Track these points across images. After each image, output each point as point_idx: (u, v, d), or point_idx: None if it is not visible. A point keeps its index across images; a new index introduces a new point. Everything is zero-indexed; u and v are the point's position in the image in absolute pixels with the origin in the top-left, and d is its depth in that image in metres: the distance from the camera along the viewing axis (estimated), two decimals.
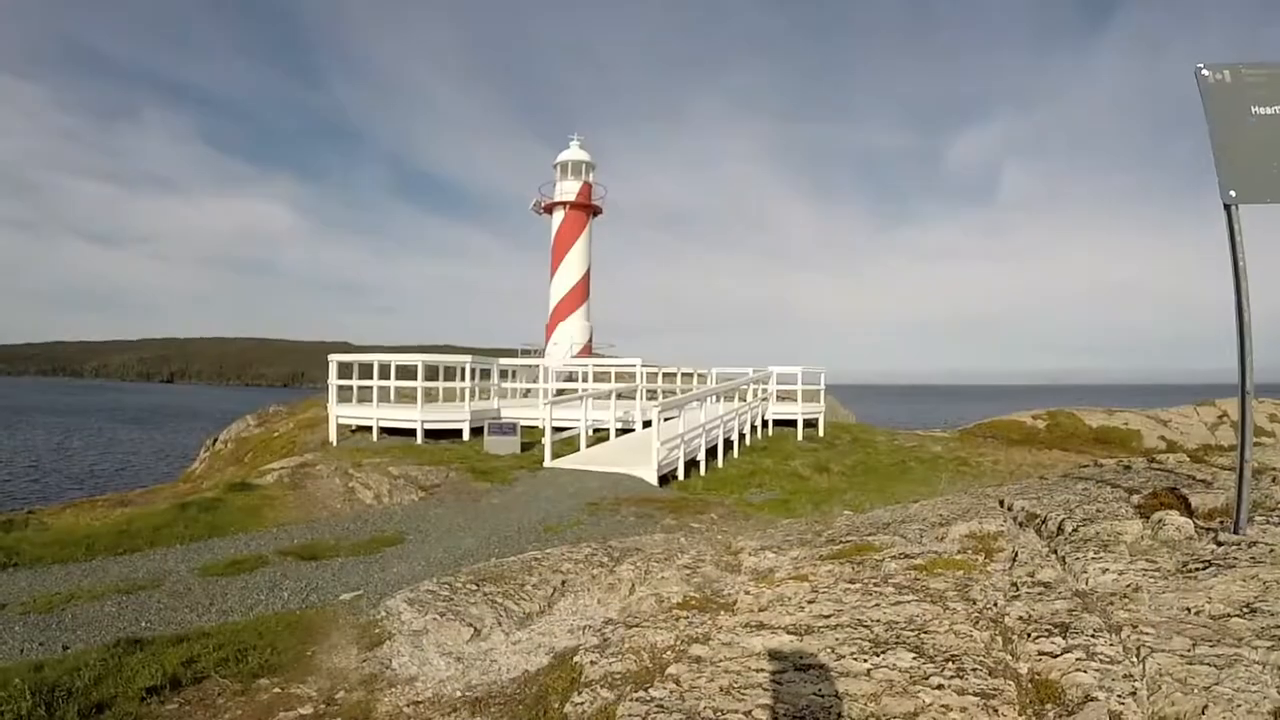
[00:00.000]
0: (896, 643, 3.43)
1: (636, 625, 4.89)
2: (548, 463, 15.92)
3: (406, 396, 21.97)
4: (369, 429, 20.12)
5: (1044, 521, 5.16)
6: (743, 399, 22.26)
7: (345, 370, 20.78)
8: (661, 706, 3.29)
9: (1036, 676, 3.04)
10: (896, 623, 3.67)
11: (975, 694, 2.94)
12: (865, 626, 3.66)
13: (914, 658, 3.26)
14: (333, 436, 19.96)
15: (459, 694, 4.87)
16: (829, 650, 3.45)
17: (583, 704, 3.90)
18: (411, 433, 19.45)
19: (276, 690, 5.10)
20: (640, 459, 15.16)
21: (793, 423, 24.05)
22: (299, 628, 6.54)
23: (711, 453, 17.28)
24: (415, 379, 20.08)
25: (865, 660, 3.30)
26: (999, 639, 3.42)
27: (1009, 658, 3.25)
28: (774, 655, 3.56)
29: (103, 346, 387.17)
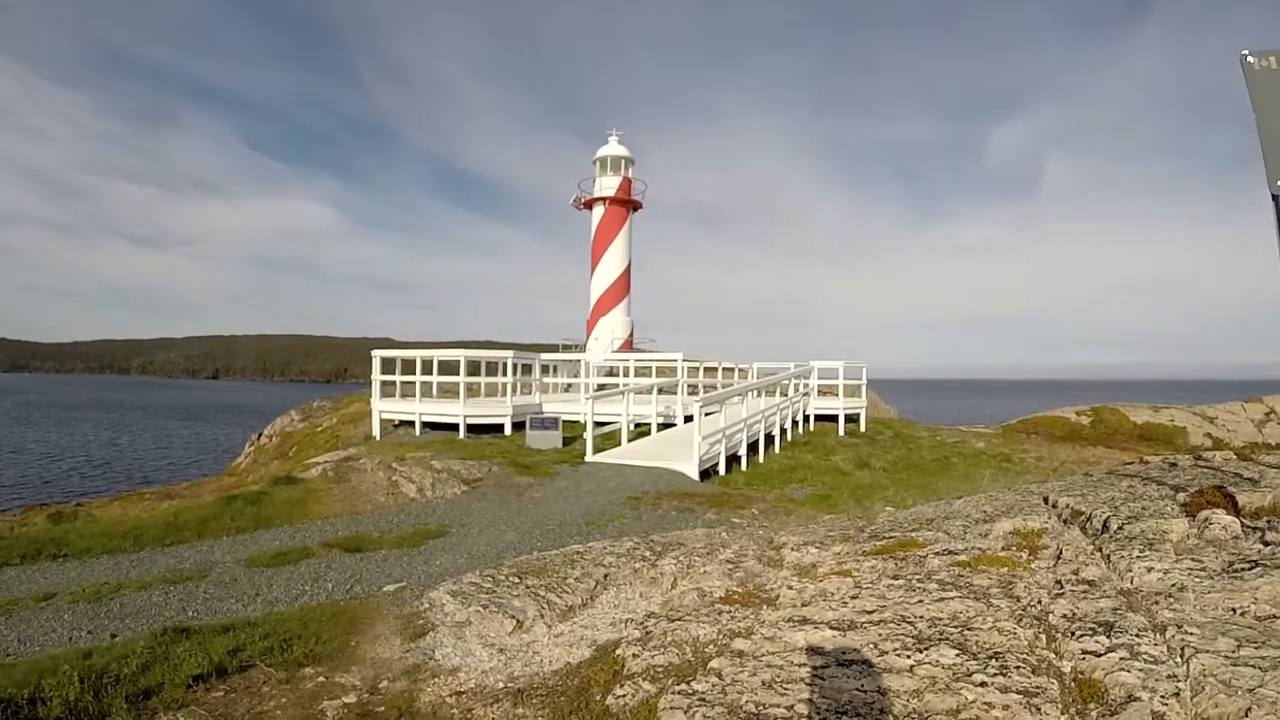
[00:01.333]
0: (940, 639, 3.43)
1: (679, 619, 4.91)
2: (589, 457, 15.96)
3: (449, 392, 22.11)
4: (412, 424, 20.29)
5: (1089, 519, 5.12)
6: (784, 394, 22.17)
7: (389, 366, 20.94)
8: (704, 700, 3.30)
9: (1080, 675, 3.03)
10: (940, 619, 3.66)
11: (1018, 692, 2.94)
12: (908, 623, 3.66)
13: (957, 654, 3.25)
14: (376, 431, 20.14)
15: (501, 685, 4.91)
16: (872, 646, 3.46)
17: (625, 696, 3.92)
18: (454, 427, 19.57)
19: (321, 679, 5.18)
20: (682, 454, 15.17)
21: (834, 418, 23.93)
22: (343, 618, 6.62)
23: (753, 448, 17.23)
24: (457, 374, 20.17)
25: (908, 656, 3.30)
26: (1042, 637, 3.42)
27: (1052, 656, 3.25)
28: (817, 650, 3.56)
29: (149, 344, 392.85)
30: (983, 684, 3.01)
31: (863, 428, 23.87)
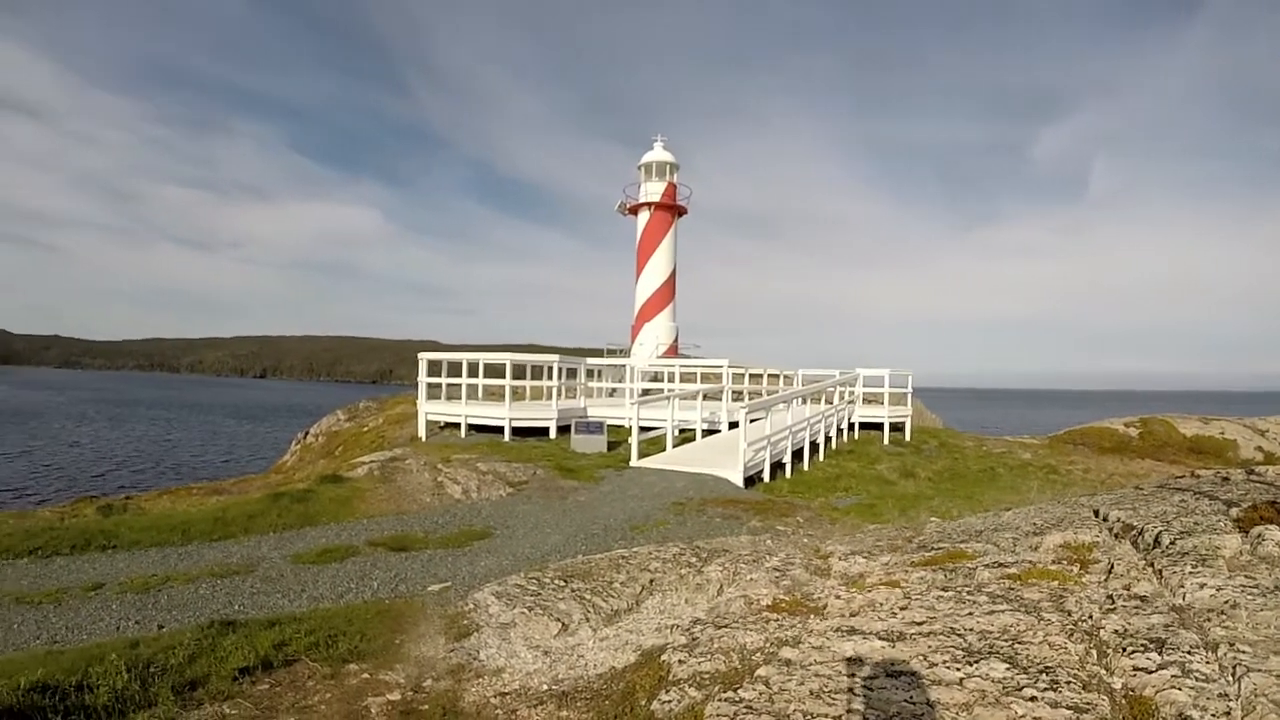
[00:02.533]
0: (990, 652, 3.41)
1: (725, 626, 4.92)
2: (634, 462, 16.01)
3: (494, 394, 22.23)
4: (457, 425, 20.43)
5: (1140, 533, 5.07)
6: (829, 401, 22.09)
7: (435, 368, 21.10)
8: (750, 708, 3.30)
9: (1130, 693, 3.01)
10: (990, 632, 3.64)
11: (1069, 708, 2.92)
12: (958, 635, 3.64)
13: (1007, 668, 3.24)
14: (422, 432, 20.31)
15: (546, 687, 4.94)
16: (921, 658, 3.45)
17: (670, 702, 3.94)
18: (499, 430, 19.68)
19: (365, 676, 5.25)
20: (726, 460, 15.17)
21: (879, 426, 23.80)
22: (388, 616, 6.71)
23: (797, 455, 17.18)
24: (503, 377, 20.29)
25: (958, 669, 3.29)
26: (1093, 652, 3.39)
27: (1103, 672, 3.23)
28: (865, 661, 3.56)
29: (198, 343, 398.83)
30: (1033, 699, 2.99)
31: (908, 436, 23.71)
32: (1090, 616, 3.76)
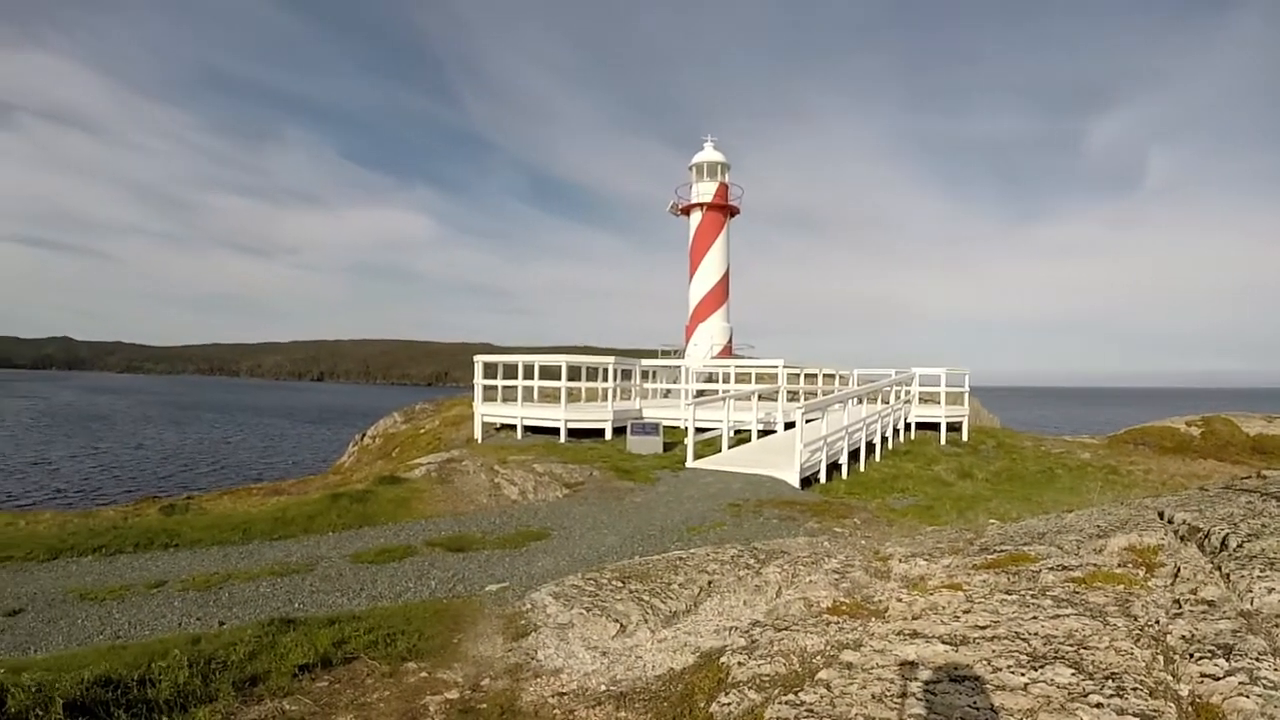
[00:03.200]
0: (1055, 657, 3.37)
1: (785, 628, 4.91)
2: (690, 463, 16.02)
3: (549, 396, 22.37)
4: (513, 427, 20.59)
5: (1206, 536, 4.99)
6: (885, 401, 21.94)
7: (491, 370, 21.27)
8: (811, 711, 3.30)
9: (1197, 700, 2.95)
10: (1055, 637, 3.60)
11: (1135, 715, 2.88)
12: (1022, 639, 3.60)
13: (1073, 674, 3.20)
14: (478, 434, 20.48)
15: (604, 688, 4.95)
16: (985, 662, 3.42)
17: (729, 705, 3.93)
18: (555, 431, 19.81)
19: (424, 674, 5.31)
20: (782, 461, 15.14)
21: (935, 426, 23.61)
22: (446, 615, 6.78)
23: (853, 456, 17.08)
24: (558, 379, 20.39)
25: (1022, 674, 3.25)
26: (1160, 658, 3.35)
27: (1170, 678, 3.18)
28: (927, 664, 3.54)
29: (256, 348, 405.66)
30: (1099, 705, 2.95)
31: (965, 437, 23.50)
32: (1156, 621, 3.72)
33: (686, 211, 35.38)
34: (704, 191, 34.57)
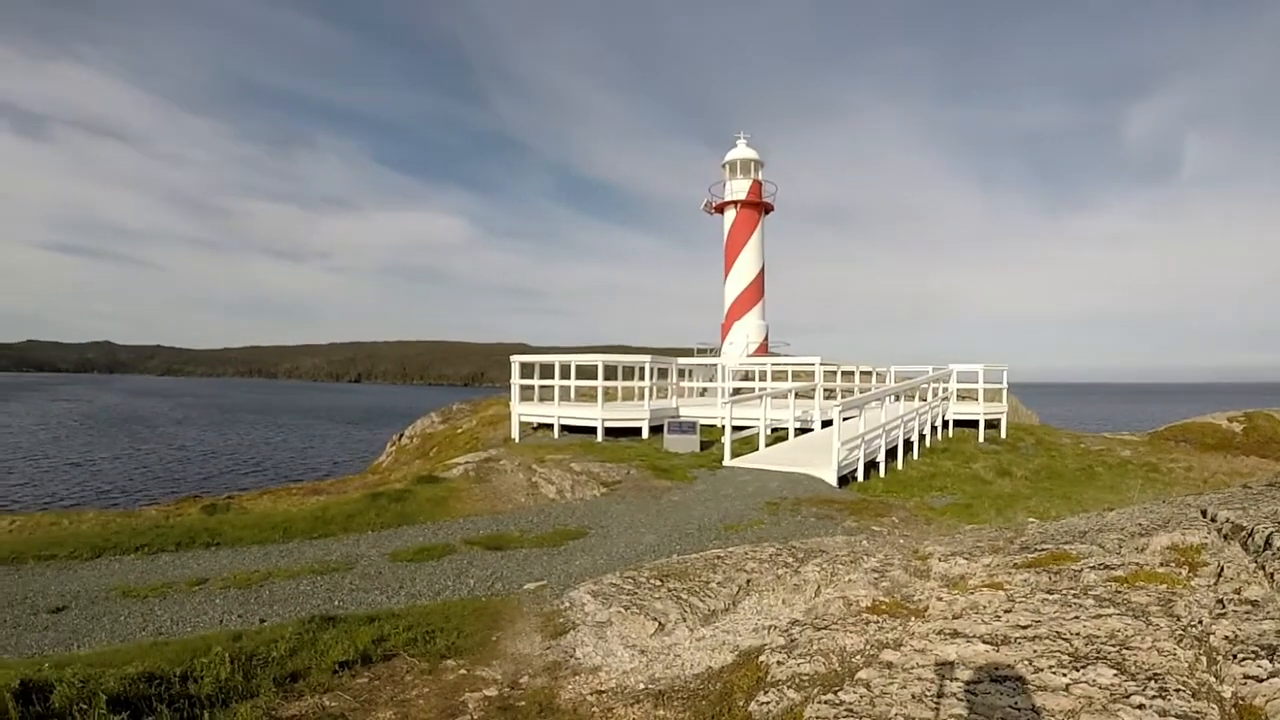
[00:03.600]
0: (1097, 658, 3.35)
1: (825, 627, 4.92)
2: (727, 461, 16.02)
3: (586, 395, 22.43)
4: (550, 426, 20.67)
5: (1250, 535, 4.92)
6: (922, 398, 21.81)
7: (527, 370, 21.37)
8: (851, 711, 3.30)
9: (1240, 701, 2.92)
10: (1097, 637, 3.57)
11: (1177, 716, 2.86)
12: (1064, 639, 3.58)
13: (1115, 674, 3.18)
14: (515, 433, 20.59)
15: (642, 686, 4.97)
16: (1026, 662, 3.41)
17: (769, 703, 3.94)
18: (592, 430, 19.87)
19: (462, 671, 5.35)
20: (820, 459, 15.10)
21: (973, 423, 23.43)
22: (484, 613, 6.83)
23: (891, 454, 17.01)
24: (594, 378, 20.45)
25: (1064, 675, 3.23)
26: (1203, 659, 3.32)
27: (1212, 679, 3.15)
28: (968, 664, 3.53)
29: (295, 350, 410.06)
30: (1141, 706, 2.93)
31: (1003, 434, 23.30)
32: (1200, 621, 3.68)
33: (720, 209, 35.30)
34: (737, 189, 34.45)
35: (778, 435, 19.81)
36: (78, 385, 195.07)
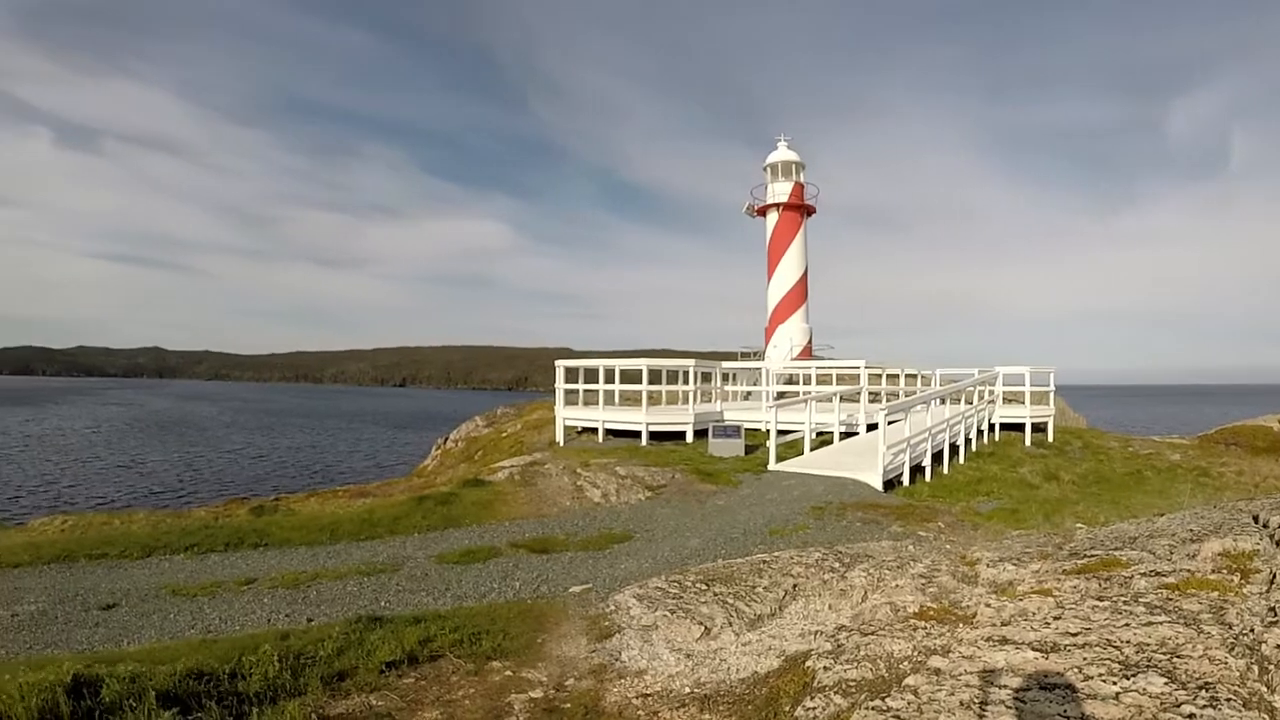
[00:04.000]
0: (1147, 666, 3.31)
1: (872, 633, 4.92)
2: (771, 465, 15.99)
3: (630, 399, 22.45)
4: (594, 430, 20.72)
5: None
6: (968, 401, 21.62)
7: (572, 375, 21.43)
8: (898, 717, 3.30)
9: None
10: (1147, 645, 3.53)
11: None
12: (1114, 647, 3.54)
13: (1165, 683, 3.14)
14: (559, 437, 20.66)
15: (688, 690, 5.00)
16: (1076, 670, 3.38)
17: (815, 709, 3.95)
18: (636, 434, 19.88)
19: (508, 673, 5.41)
20: (865, 463, 15.03)
21: (1020, 426, 23.16)
22: (530, 616, 6.90)
23: (936, 458, 16.86)
24: (638, 382, 20.46)
25: (1114, 683, 3.20)
26: (1254, 668, 3.27)
27: (1264, 689, 3.10)
28: (1017, 671, 3.51)
29: (341, 355, 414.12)
30: (1191, 716, 2.89)
31: (1050, 437, 23.02)
32: (1251, 630, 3.64)
33: (763, 212, 35.18)
34: (779, 191, 34.33)
35: (823, 439, 19.72)
36: (127, 390, 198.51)
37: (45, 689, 4.33)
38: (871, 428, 19.09)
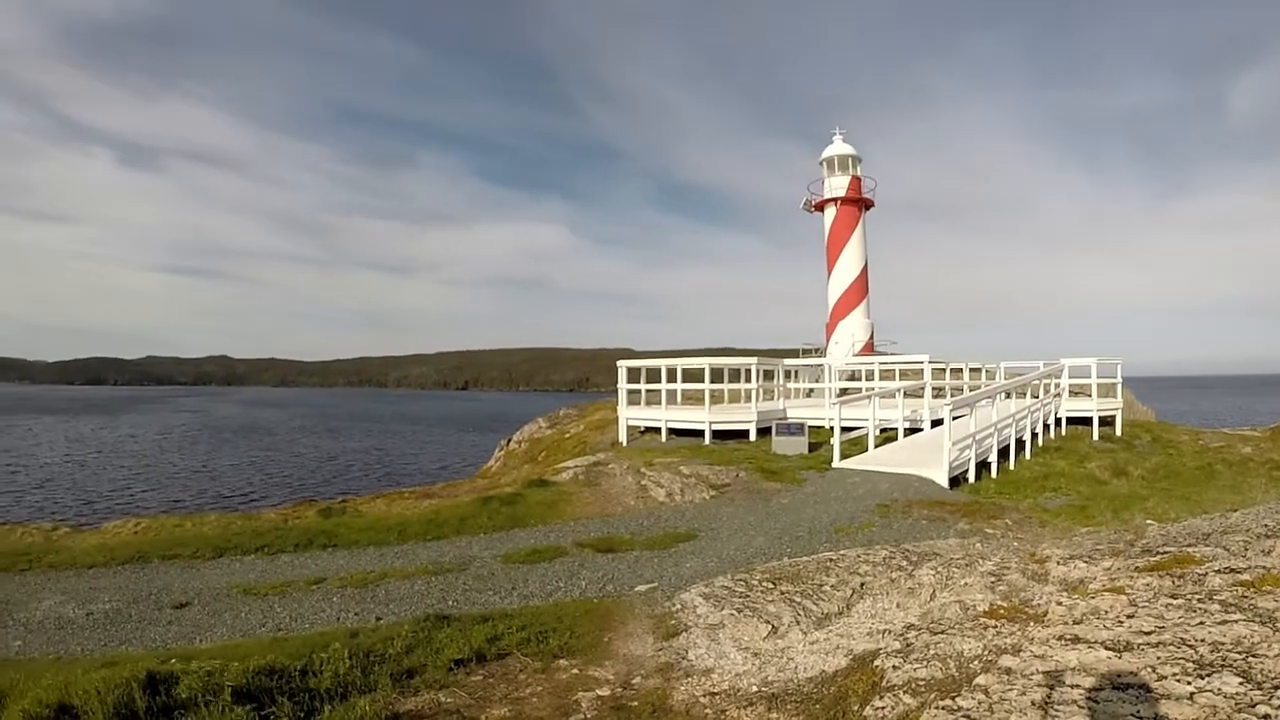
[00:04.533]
0: (1222, 665, 3.27)
1: (941, 632, 4.92)
2: (836, 463, 15.92)
3: (692, 399, 22.48)
4: (657, 430, 20.80)
5: None
6: (1034, 395, 21.31)
7: (634, 375, 21.51)
8: (969, 717, 3.29)
9: None
10: (1222, 644, 3.49)
11: None
12: (1189, 646, 3.50)
13: (1241, 683, 3.10)
14: (623, 437, 20.76)
15: (755, 689, 5.03)
16: (1149, 669, 3.35)
17: (884, 708, 3.96)
18: (699, 433, 19.90)
19: (575, 671, 5.50)
20: (930, 460, 14.92)
21: (1087, 421, 22.75)
22: (596, 615, 6.98)
23: (1002, 453, 16.64)
24: (700, 381, 20.47)
25: (1188, 683, 3.17)
26: None
27: None
28: (1089, 671, 3.48)
29: (404, 360, 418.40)
30: (1267, 716, 2.85)
31: (1118, 431, 22.59)
32: None
33: (820, 207, 34.95)
34: (836, 186, 34.07)
35: (886, 436, 19.57)
36: (197, 397, 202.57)
37: (120, 685, 4.49)
38: (936, 423, 18.91)
